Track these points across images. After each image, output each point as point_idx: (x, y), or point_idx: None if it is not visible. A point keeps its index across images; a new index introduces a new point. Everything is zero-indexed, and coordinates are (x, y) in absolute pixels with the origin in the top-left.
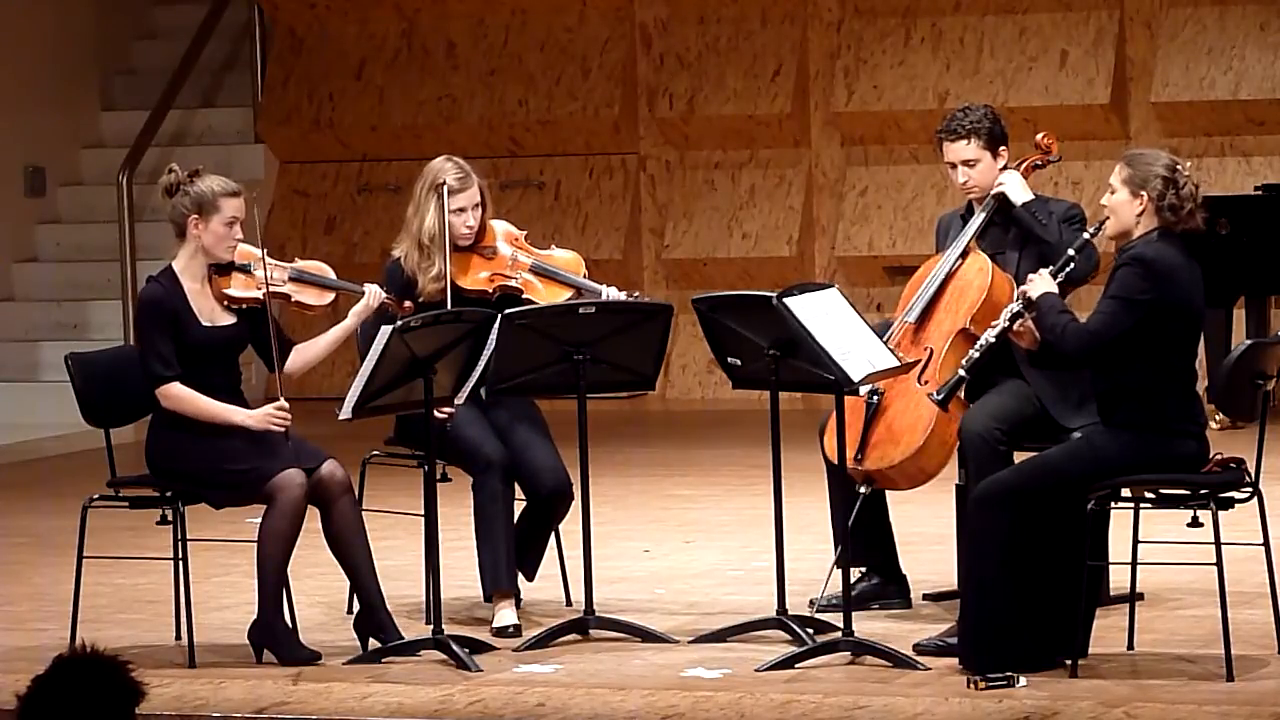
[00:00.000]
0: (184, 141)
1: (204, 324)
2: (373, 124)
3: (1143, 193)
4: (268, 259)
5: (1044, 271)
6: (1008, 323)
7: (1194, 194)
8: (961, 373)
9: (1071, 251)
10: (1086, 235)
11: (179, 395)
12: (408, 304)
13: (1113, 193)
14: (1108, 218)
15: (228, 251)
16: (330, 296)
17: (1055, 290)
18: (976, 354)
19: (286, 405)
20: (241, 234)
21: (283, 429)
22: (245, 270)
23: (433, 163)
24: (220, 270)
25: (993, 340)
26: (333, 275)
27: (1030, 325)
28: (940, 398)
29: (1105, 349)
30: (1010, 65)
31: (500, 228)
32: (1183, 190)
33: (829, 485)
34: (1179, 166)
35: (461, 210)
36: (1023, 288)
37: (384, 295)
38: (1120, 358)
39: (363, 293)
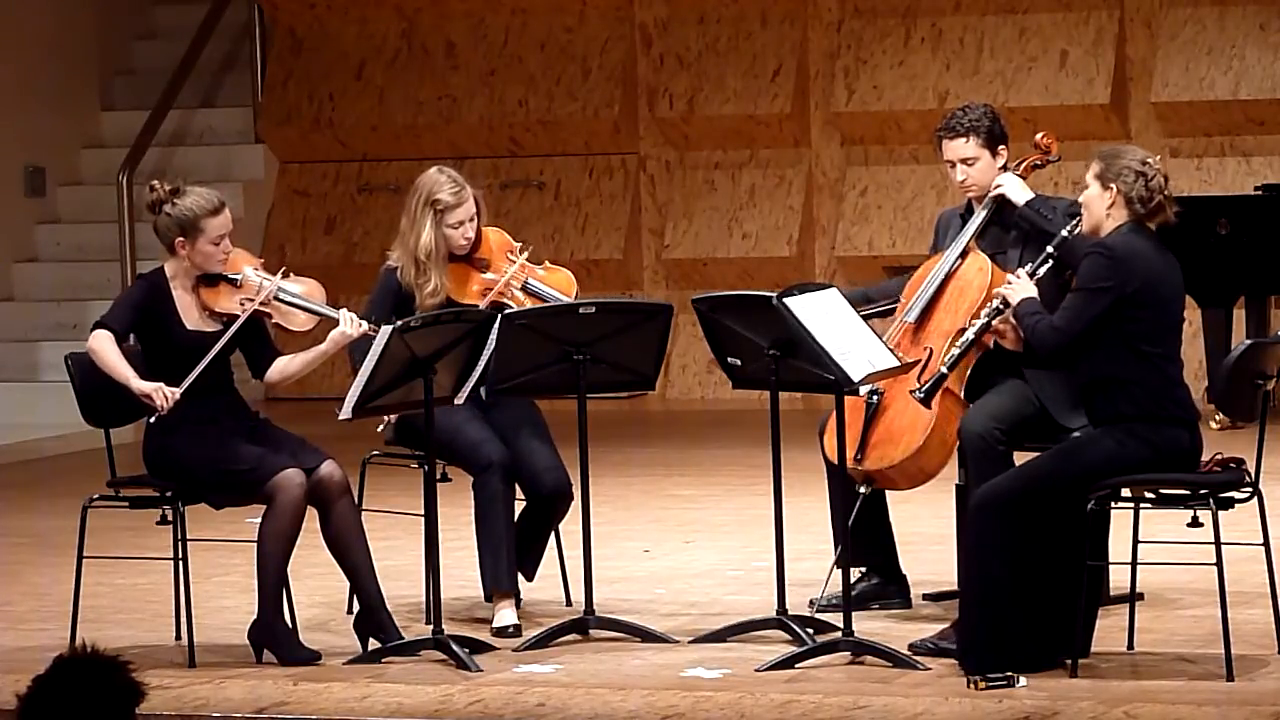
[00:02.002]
0: (184, 141)
1: (189, 328)
2: (373, 124)
3: (1112, 185)
4: (258, 273)
5: (1021, 272)
6: (988, 319)
7: (1163, 186)
8: (944, 369)
9: (1050, 249)
10: (1064, 233)
11: (100, 344)
12: None
13: (1086, 188)
14: (1082, 216)
15: (218, 265)
16: (313, 322)
17: (1034, 293)
18: (958, 350)
19: (176, 396)
20: (230, 246)
21: (156, 407)
22: (232, 283)
23: (426, 175)
24: (207, 282)
25: (972, 338)
26: (321, 297)
27: (1011, 324)
28: (922, 395)
29: (1075, 342)
30: (1010, 65)
31: (495, 238)
32: (1151, 182)
33: (829, 485)
34: (1149, 160)
35: (459, 224)
36: (1001, 289)
37: (364, 326)
38: (1092, 349)
39: (339, 320)
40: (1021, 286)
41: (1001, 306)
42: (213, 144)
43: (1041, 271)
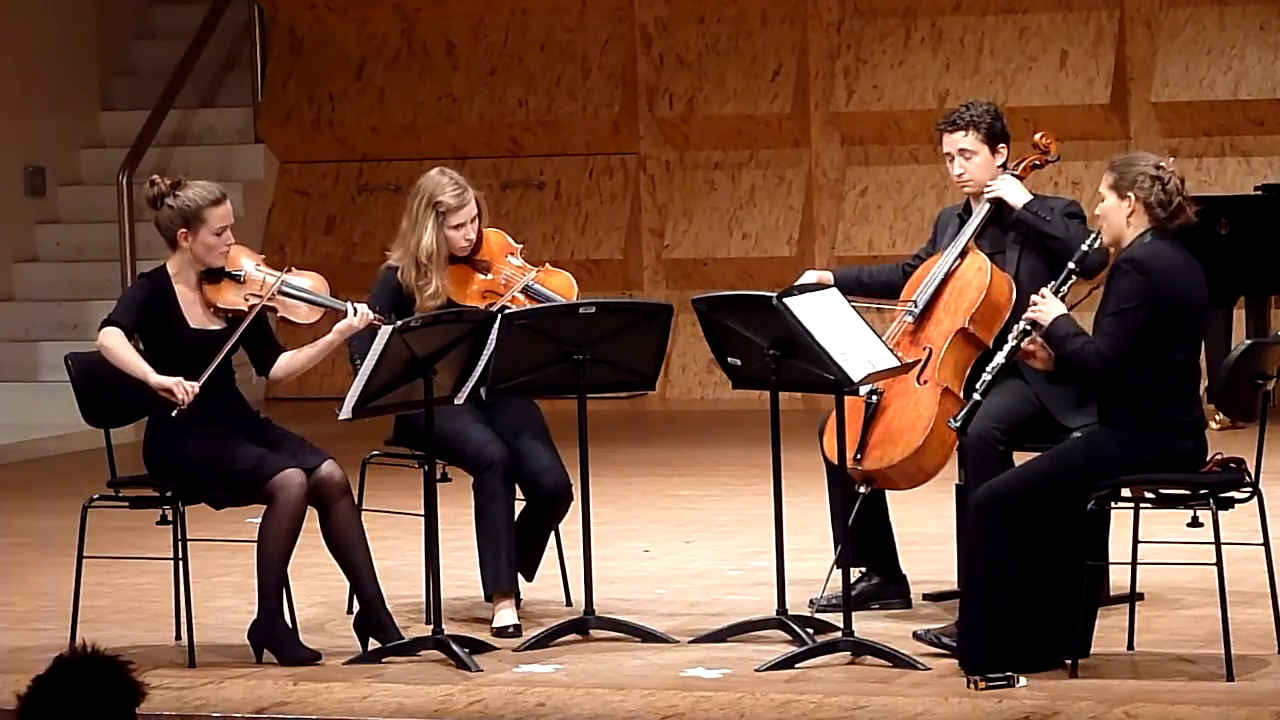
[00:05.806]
0: (184, 141)
1: (193, 327)
2: (373, 124)
3: (1130, 194)
4: (261, 269)
5: (1046, 291)
6: (1016, 342)
7: (1180, 187)
8: (977, 398)
9: (1072, 265)
10: (1085, 248)
11: (113, 341)
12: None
13: (1102, 200)
14: (1101, 228)
15: (220, 258)
16: (318, 314)
17: (1064, 311)
18: (989, 377)
19: (195, 390)
20: (232, 238)
21: (175, 401)
22: (236, 279)
23: (428, 177)
24: (211, 278)
25: (1003, 362)
26: (325, 290)
27: (1040, 344)
28: (958, 425)
29: (1121, 364)
30: (1010, 65)
31: (495, 239)
32: (1169, 185)
33: (829, 485)
34: (1162, 164)
35: (460, 225)
36: (1029, 313)
37: (371, 315)
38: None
39: (346, 311)
40: (1050, 306)
41: (1029, 328)
42: (213, 144)
43: (1065, 290)
